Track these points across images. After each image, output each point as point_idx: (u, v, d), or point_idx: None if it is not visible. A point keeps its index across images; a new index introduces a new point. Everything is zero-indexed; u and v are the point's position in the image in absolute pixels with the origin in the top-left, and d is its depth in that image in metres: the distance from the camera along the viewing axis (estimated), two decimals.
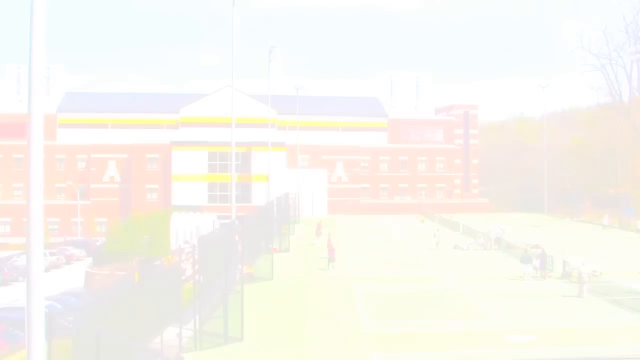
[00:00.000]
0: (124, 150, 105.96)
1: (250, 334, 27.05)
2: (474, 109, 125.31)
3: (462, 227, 73.03)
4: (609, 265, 45.92)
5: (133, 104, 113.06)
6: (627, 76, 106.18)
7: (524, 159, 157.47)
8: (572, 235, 69.13)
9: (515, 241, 58.21)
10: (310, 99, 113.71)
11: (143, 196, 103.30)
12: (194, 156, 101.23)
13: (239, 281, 29.85)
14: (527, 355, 22.55)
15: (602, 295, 35.92)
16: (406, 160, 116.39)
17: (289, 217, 71.18)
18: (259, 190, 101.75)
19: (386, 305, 34.71)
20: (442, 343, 26.50)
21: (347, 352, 24.97)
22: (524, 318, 30.93)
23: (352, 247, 59.79)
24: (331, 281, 42.27)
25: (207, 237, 31.83)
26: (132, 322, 18.59)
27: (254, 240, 47.42)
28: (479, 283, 41.01)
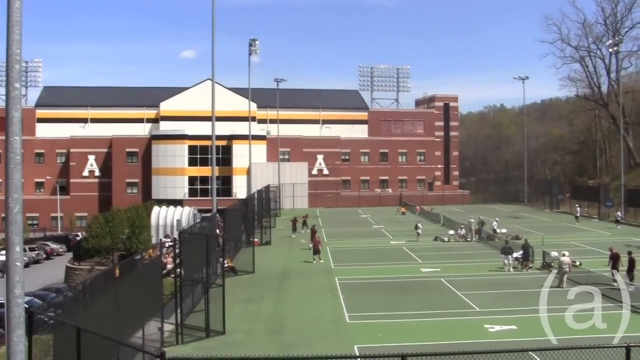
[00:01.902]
0: (104, 145, 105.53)
1: (232, 328, 27.04)
2: (454, 101, 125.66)
3: (442, 218, 73.31)
4: (583, 256, 46.38)
5: (112, 98, 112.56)
6: (606, 68, 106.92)
7: (503, 150, 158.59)
8: (549, 226, 69.48)
9: (495, 232, 58.59)
10: (291, 92, 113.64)
11: (123, 190, 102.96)
12: (174, 150, 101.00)
13: (220, 274, 29.84)
14: (507, 345, 22.63)
15: (581, 285, 36.13)
16: (387, 153, 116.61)
17: (270, 210, 71.21)
18: (239, 183, 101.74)
19: (368, 296, 34.77)
20: (424, 334, 26.59)
21: (330, 343, 25.00)
22: (504, 308, 31.09)
23: (333, 240, 59.85)
24: (312, 273, 42.31)
25: (187, 231, 31.80)
26: (113, 317, 18.54)
27: (235, 233, 47.44)
28: (460, 274, 41.17)
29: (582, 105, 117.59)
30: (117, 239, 63.45)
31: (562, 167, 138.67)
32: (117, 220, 64.71)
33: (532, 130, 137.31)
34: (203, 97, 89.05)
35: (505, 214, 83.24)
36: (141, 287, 21.73)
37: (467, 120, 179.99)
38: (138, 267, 23.05)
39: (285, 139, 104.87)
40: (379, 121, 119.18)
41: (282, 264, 46.26)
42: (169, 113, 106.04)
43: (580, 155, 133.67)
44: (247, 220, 53.05)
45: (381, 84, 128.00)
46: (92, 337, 14.54)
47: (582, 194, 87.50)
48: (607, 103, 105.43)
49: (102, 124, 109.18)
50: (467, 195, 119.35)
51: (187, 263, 27.58)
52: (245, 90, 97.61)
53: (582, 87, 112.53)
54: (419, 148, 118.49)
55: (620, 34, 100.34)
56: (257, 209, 60.38)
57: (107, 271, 20.51)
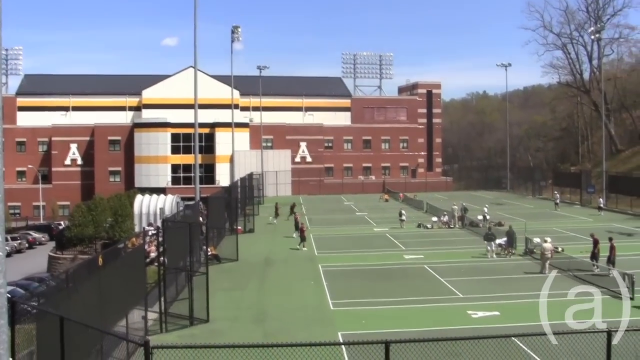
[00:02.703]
0: (86, 133, 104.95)
1: (216, 315, 27.06)
2: (437, 88, 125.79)
3: (426, 205, 73.48)
4: (565, 242, 46.68)
5: (94, 86, 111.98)
6: (588, 55, 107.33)
7: (486, 137, 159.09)
8: (532, 213, 69.82)
9: (486, 219, 58.73)
10: (274, 80, 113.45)
11: (106, 179, 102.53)
12: (156, 138, 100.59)
13: (203, 262, 29.83)
14: (490, 331, 22.77)
15: (563, 271, 36.40)
16: (370, 140, 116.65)
17: (253, 198, 71.15)
18: (222, 171, 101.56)
19: (351, 283, 34.85)
20: (407, 320, 26.69)
21: (314, 331, 25.05)
22: (487, 295, 31.25)
23: (316, 227, 59.89)
24: (296, 260, 42.36)
25: (171, 219, 31.74)
26: (96, 306, 18.50)
27: (218, 221, 47.38)
28: (443, 260, 41.32)
29: (564, 92, 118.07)
30: (100, 227, 63.32)
31: (544, 153, 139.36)
32: (99, 209, 64.54)
33: (515, 117, 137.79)
34: (185, 85, 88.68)
35: (488, 201, 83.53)
36: (124, 276, 21.69)
37: (449, 108, 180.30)
38: (121, 256, 22.98)
39: (268, 127, 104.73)
40: (362, 108, 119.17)
41: (265, 252, 46.28)
42: (151, 101, 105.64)
43: (562, 142, 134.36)
44: (230, 208, 52.98)
45: (364, 71, 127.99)
46: (75, 327, 14.52)
47: (564, 180, 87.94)
48: (589, 90, 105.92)
49: (84, 112, 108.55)
50: (450, 182, 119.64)
51: (170, 251, 27.54)
52: (228, 77, 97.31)
53: (564, 74, 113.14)
54: (402, 135, 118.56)
55: (602, 21, 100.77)
56: (240, 197, 60.30)
57: (90, 260, 20.43)
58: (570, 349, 15.36)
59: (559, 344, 16.12)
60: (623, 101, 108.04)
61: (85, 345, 16.40)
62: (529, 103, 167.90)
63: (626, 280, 30.25)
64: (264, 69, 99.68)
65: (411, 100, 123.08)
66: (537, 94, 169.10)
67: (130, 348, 19.25)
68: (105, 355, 18.60)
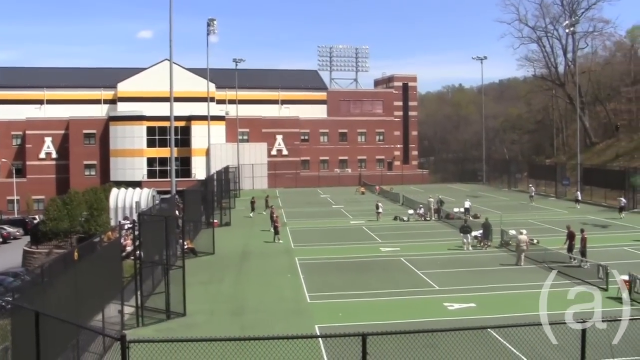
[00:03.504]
0: (61, 126, 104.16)
1: (193, 309, 27.02)
2: (413, 81, 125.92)
3: (402, 198, 73.69)
4: (541, 234, 47.03)
5: (69, 79, 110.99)
6: (562, 48, 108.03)
7: (462, 130, 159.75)
8: (507, 205, 70.26)
9: (468, 212, 58.99)
10: (250, 72, 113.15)
11: (81, 172, 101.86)
12: (132, 131, 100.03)
13: (180, 256, 29.76)
14: (466, 323, 22.92)
15: (538, 263, 36.70)
16: (346, 133, 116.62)
17: (230, 191, 71.02)
18: (199, 164, 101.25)
19: (328, 276, 34.90)
20: (384, 313, 26.77)
21: (291, 324, 25.07)
22: (463, 287, 31.43)
23: (293, 220, 59.91)
24: (273, 254, 42.34)
25: (147, 213, 31.62)
26: (72, 301, 18.40)
27: (194, 214, 47.26)
28: (419, 253, 41.48)
29: (539, 85, 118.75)
30: (75, 221, 62.86)
31: (519, 146, 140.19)
32: (75, 203, 64.07)
33: (491, 110, 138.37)
34: (161, 78, 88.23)
35: (464, 193, 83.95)
36: (100, 270, 21.58)
37: (425, 100, 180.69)
38: (97, 250, 22.87)
39: (244, 120, 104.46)
40: (338, 101, 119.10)
41: (242, 245, 46.24)
42: (126, 94, 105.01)
43: (537, 135, 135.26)
44: (206, 202, 52.87)
45: (340, 64, 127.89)
46: (51, 321, 14.44)
47: (540, 172, 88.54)
48: (564, 83, 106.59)
49: (59, 106, 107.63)
50: (426, 174, 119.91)
51: (146, 245, 27.45)
52: (203, 70, 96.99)
53: (539, 67, 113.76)
54: (378, 128, 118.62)
55: (577, 15, 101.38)
56: (216, 190, 60.18)
57: (65, 254, 20.31)
58: (545, 339, 15.50)
59: (534, 335, 16.25)
60: (597, 94, 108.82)
61: (61, 340, 16.32)
62: (505, 96, 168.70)
63: (600, 272, 30.57)
64: (239, 61, 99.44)
65: (387, 93, 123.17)
66: (512, 87, 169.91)
67: (107, 342, 19.24)
68: (82, 350, 18.54)
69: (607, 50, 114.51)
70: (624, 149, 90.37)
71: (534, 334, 16.17)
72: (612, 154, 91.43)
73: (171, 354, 15.02)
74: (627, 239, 45.79)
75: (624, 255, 39.15)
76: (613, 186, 67.32)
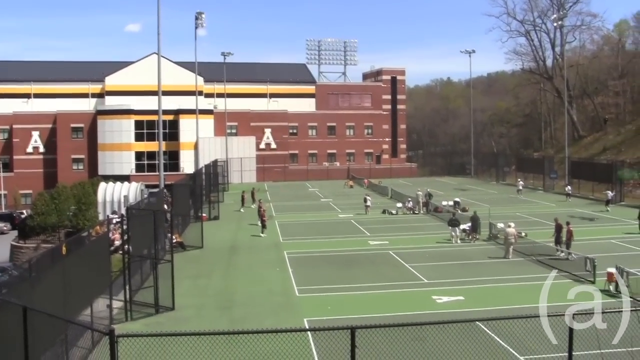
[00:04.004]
0: (48, 120, 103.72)
1: (182, 303, 27.00)
2: (401, 75, 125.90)
3: (390, 191, 73.78)
4: (529, 227, 47.19)
5: (56, 73, 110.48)
6: (551, 42, 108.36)
7: (450, 123, 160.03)
8: (496, 198, 70.48)
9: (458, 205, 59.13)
10: (238, 66, 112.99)
11: (69, 167, 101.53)
12: (120, 125, 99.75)
13: (168, 250, 29.71)
14: (454, 316, 23.02)
15: (526, 256, 36.85)
16: (334, 126, 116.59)
17: (218, 185, 70.97)
18: (187, 158, 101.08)
19: (317, 270, 34.93)
20: (373, 306, 26.82)
21: (279, 317, 25.11)
22: (451, 280, 31.53)
23: (281, 214, 59.90)
24: (261, 247, 42.33)
25: (135, 207, 31.55)
26: (60, 295, 18.35)
27: (183, 208, 47.20)
28: (408, 246, 41.57)
29: (527, 79, 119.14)
30: (63, 216, 62.77)
31: (508, 139, 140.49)
32: (63, 197, 63.96)
33: (479, 104, 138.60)
34: (149, 72, 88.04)
35: (452, 187, 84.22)
36: (89, 265, 21.52)
37: (414, 94, 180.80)
38: (85, 244, 22.80)
39: (233, 113, 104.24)
40: (327, 95, 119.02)
41: (230, 239, 46.23)
42: (114, 88, 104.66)
43: (525, 128, 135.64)
44: (195, 196, 52.80)
45: (329, 58, 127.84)
46: (39, 317, 14.40)
47: (528, 166, 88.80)
48: (552, 76, 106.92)
49: (46, 100, 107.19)
50: (415, 168, 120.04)
51: (135, 239, 27.40)
52: (192, 64, 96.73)
53: (527, 61, 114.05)
54: (366, 121, 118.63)
55: (565, 9, 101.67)
56: (205, 184, 60.10)
57: (53, 249, 20.23)
58: (532, 332, 15.58)
59: (522, 328, 16.31)
60: (585, 88, 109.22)
61: (49, 335, 16.29)
62: (493, 89, 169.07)
63: (587, 264, 30.72)
64: (228, 55, 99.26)
65: (375, 86, 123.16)
66: (500, 80, 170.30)
67: (95, 337, 19.24)
68: (70, 344, 18.49)
69: (594, 44, 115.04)
70: (611, 143, 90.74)
71: (522, 327, 16.22)
72: (600, 147, 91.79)
73: (160, 348, 15.02)
74: (614, 231, 46.04)
75: (611, 248, 39.36)
76: (601, 179, 67.56)
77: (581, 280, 30.27)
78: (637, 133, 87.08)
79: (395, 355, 17.52)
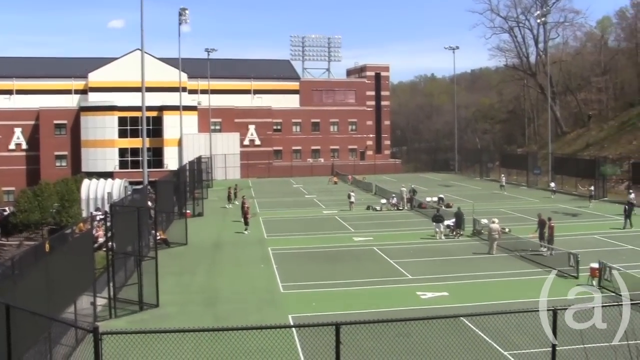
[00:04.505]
0: (31, 117, 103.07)
1: (166, 300, 26.95)
2: (385, 71, 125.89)
3: (374, 187, 73.86)
4: (513, 223, 47.36)
5: (39, 69, 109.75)
6: (534, 38, 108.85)
7: (434, 119, 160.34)
8: (479, 194, 70.68)
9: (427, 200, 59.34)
10: (222, 62, 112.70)
11: (52, 163, 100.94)
12: (103, 121, 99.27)
13: (152, 247, 29.64)
14: (439, 312, 23.08)
15: (510, 252, 37.01)
16: (318, 123, 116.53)
17: (202, 182, 70.81)
18: (171, 154, 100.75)
19: (301, 266, 34.95)
20: (357, 302, 26.83)
21: (264, 314, 25.10)
22: (435, 275, 31.61)
23: (265, 210, 59.84)
24: (245, 244, 42.28)
25: (119, 204, 31.45)
26: (44, 293, 18.27)
27: (167, 205, 47.06)
28: (392, 242, 41.63)
29: (511, 75, 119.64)
30: (46, 213, 62.57)
31: (491, 135, 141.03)
32: (46, 194, 63.74)
33: (463, 100, 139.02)
34: (133, 68, 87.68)
35: (436, 183, 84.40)
36: (72, 262, 21.44)
37: (398, 90, 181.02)
38: (69, 242, 22.72)
39: (217, 110, 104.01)
40: (311, 91, 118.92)
41: (214, 235, 46.16)
42: (97, 84, 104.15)
43: (509, 124, 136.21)
44: (179, 192, 52.63)
45: (313, 54, 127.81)
46: (22, 314, 14.33)
47: (511, 162, 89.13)
48: (535, 73, 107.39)
49: (29, 96, 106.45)
50: (399, 164, 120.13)
51: (118, 236, 27.30)
52: (175, 60, 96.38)
53: (511, 57, 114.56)
54: (350, 118, 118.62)
55: (548, 5, 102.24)
56: (189, 181, 59.92)
57: (36, 246, 20.18)
58: (516, 327, 15.64)
59: (506, 323, 16.38)
60: (568, 84, 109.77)
61: (32, 333, 16.22)
62: (477, 86, 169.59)
63: (571, 260, 30.89)
64: (212, 51, 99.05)
65: (359, 82, 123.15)
66: (484, 76, 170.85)
67: (79, 335, 19.15)
68: (54, 342, 18.42)
69: (577, 41, 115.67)
70: (594, 139, 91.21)
71: (506, 322, 16.30)
72: (583, 143, 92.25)
73: (144, 346, 14.98)
74: (597, 227, 46.27)
75: (593, 244, 39.57)
76: (583, 175, 67.87)
77: (565, 275, 30.42)
78: (620, 129, 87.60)
79: (379, 351, 17.57)
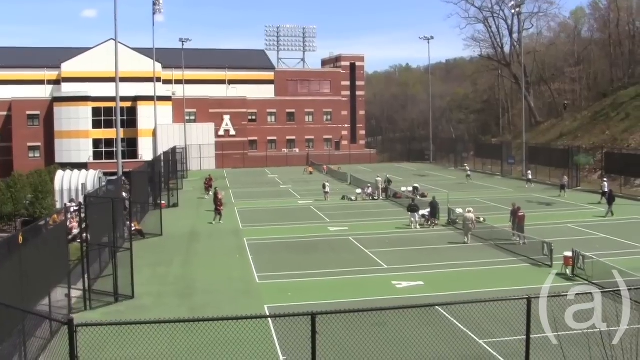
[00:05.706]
0: (3, 108, 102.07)
1: (141, 291, 26.86)
2: (360, 61, 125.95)
3: (350, 177, 73.95)
4: (487, 212, 47.63)
5: (11, 59, 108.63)
6: (508, 29, 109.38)
7: (409, 109, 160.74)
8: (454, 184, 71.01)
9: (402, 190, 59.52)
10: (197, 52, 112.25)
11: (25, 155, 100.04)
12: (77, 112, 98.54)
13: (127, 238, 29.53)
14: (414, 301, 23.19)
15: (484, 241, 37.22)
16: (294, 113, 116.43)
17: (177, 172, 70.59)
18: (145, 145, 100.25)
19: (277, 256, 34.95)
20: (333, 292, 26.89)
21: (240, 304, 25.09)
22: (411, 265, 31.74)
23: (241, 200, 59.76)
24: (221, 234, 42.20)
25: (93, 195, 31.27)
26: (17, 285, 18.15)
27: (141, 196, 46.88)
28: (367, 232, 41.73)
29: (485, 65, 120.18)
30: (19, 204, 61.97)
31: (466, 125, 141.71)
32: (19, 186, 63.14)
33: (437, 90, 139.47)
34: (106, 58, 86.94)
35: (411, 172, 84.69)
36: (46, 254, 21.31)
37: (373, 80, 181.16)
38: (42, 233, 22.57)
39: (191, 100, 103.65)
40: (286, 81, 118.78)
41: (190, 226, 46.04)
42: (71, 74, 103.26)
43: (483, 114, 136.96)
44: (153, 183, 52.43)
45: (287, 44, 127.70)
46: None
47: (486, 151, 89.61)
48: (510, 63, 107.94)
49: (1, 86, 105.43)
50: (374, 154, 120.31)
51: (93, 227, 27.16)
52: (149, 50, 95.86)
53: (485, 48, 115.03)
54: (325, 108, 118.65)
55: None
56: (163, 171, 59.69)
57: (9, 238, 20.00)
58: (491, 316, 15.77)
59: (480, 312, 16.50)
60: (542, 74, 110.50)
61: (6, 326, 16.11)
62: (451, 76, 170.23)
63: (545, 249, 31.12)
64: (186, 41, 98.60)
65: (334, 72, 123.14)
66: (459, 66, 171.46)
67: (54, 327, 19.01)
68: (28, 335, 18.29)
69: (551, 31, 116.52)
70: (567, 128, 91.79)
71: (480, 311, 16.43)
72: (557, 133, 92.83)
73: (120, 337, 14.94)
74: (571, 216, 46.64)
75: (567, 232, 39.90)
76: (557, 165, 68.30)
77: (539, 264, 30.66)
78: (593, 119, 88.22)
79: (356, 340, 17.62)
